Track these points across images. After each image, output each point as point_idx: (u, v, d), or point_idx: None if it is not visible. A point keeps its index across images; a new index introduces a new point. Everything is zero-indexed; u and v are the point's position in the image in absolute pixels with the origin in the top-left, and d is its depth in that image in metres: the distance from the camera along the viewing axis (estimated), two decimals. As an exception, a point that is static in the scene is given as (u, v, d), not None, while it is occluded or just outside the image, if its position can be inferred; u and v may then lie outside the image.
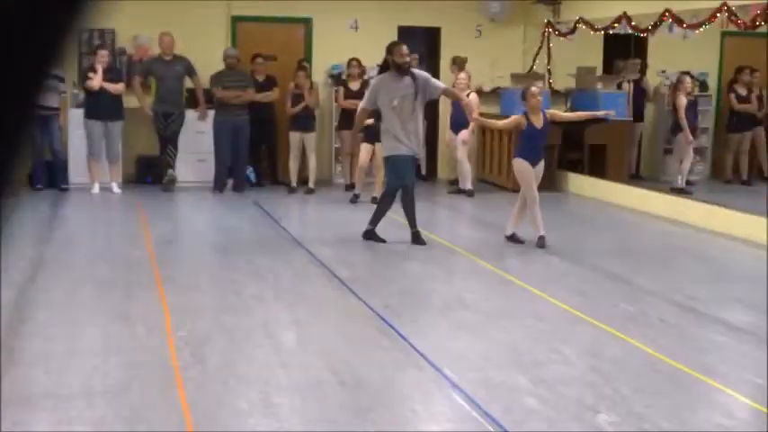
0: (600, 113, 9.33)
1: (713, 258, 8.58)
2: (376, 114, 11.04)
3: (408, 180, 8.59)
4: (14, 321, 5.83)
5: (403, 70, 8.50)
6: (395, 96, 8.45)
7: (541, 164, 8.74)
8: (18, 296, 6.46)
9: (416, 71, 8.77)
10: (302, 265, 7.71)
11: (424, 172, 12.56)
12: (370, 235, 8.64)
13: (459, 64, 12.87)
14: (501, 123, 8.99)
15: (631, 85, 13.16)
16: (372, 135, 11.09)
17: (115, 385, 4.71)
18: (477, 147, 13.35)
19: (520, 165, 8.68)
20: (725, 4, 9.99)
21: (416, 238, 8.58)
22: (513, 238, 8.76)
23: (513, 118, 8.82)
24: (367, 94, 8.76)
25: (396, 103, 8.45)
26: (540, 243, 8.52)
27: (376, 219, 8.70)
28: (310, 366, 5.05)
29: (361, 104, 8.78)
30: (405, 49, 8.62)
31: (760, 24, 9.91)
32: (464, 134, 11.98)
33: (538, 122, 8.61)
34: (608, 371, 5.09)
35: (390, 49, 8.64)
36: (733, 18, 10.04)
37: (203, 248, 8.78)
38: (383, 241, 8.55)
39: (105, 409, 4.37)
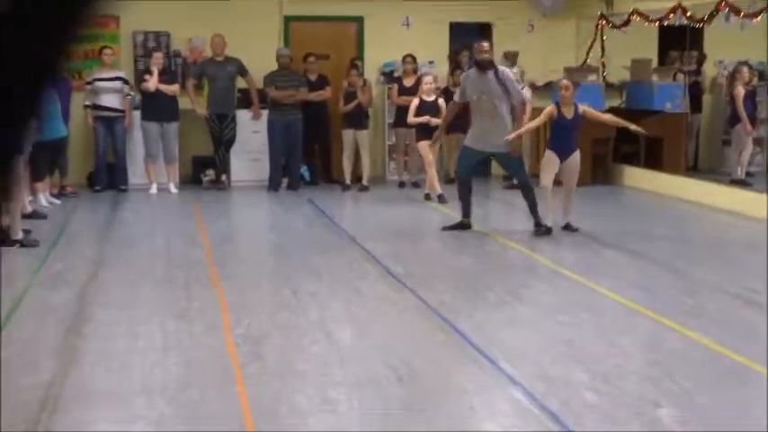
0: (632, 127, 9.22)
1: (775, 250, 8.40)
2: (431, 112, 11.04)
3: (461, 171, 9.05)
4: (76, 320, 5.94)
5: (482, 66, 8.88)
6: (475, 92, 8.81)
7: (573, 157, 8.87)
8: (79, 295, 6.59)
9: (502, 69, 9.04)
10: (357, 262, 7.73)
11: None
12: (461, 226, 8.90)
13: (510, 58, 12.79)
14: (537, 121, 9.14)
15: (687, 76, 12.95)
16: (429, 132, 11.05)
17: (175, 383, 4.77)
18: (531, 142, 13.25)
19: (547, 156, 8.97)
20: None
21: (462, 226, 8.88)
22: (567, 228, 8.90)
23: (545, 111, 9.01)
24: (459, 88, 9.20)
25: (475, 99, 8.83)
26: (538, 231, 8.66)
27: (465, 211, 8.97)
28: (367, 362, 5.06)
29: (454, 98, 9.27)
30: (485, 45, 9.10)
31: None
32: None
33: (568, 114, 8.82)
34: (668, 365, 5.02)
35: (473, 46, 9.19)
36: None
37: (259, 247, 8.85)
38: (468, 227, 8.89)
39: (165, 406, 4.42)
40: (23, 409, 4.33)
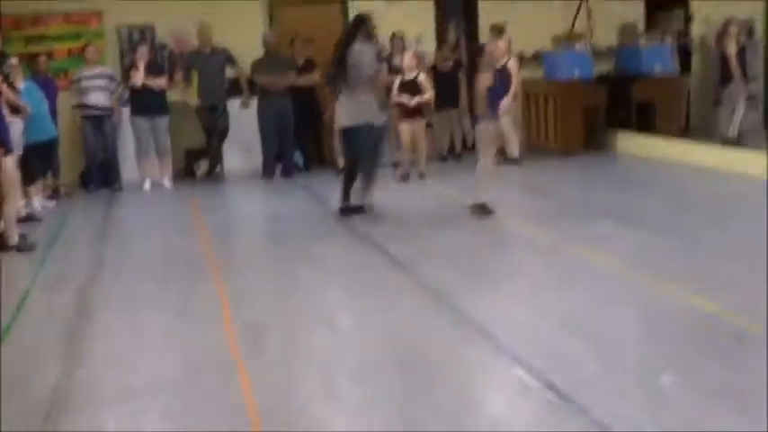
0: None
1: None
2: (412, 89, 11.01)
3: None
4: (78, 322, 5.95)
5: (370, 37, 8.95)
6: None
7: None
8: (79, 296, 6.59)
9: None
10: (356, 247, 7.74)
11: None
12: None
13: (497, 31, 12.72)
14: (482, 92, 8.67)
15: (675, 36, 12.90)
16: (408, 112, 11.05)
17: (179, 379, 4.79)
18: (523, 113, 13.22)
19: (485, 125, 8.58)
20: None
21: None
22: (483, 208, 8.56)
23: (481, 79, 8.72)
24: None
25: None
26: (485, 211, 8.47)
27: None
28: (370, 348, 5.08)
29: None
30: None
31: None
32: (505, 102, 11.84)
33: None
34: (669, 331, 5.04)
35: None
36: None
37: (257, 237, 8.85)
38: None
39: (171, 403, 4.44)
40: (32, 413, 4.35)
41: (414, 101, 10.94)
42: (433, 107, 11.75)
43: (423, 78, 11.04)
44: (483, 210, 8.47)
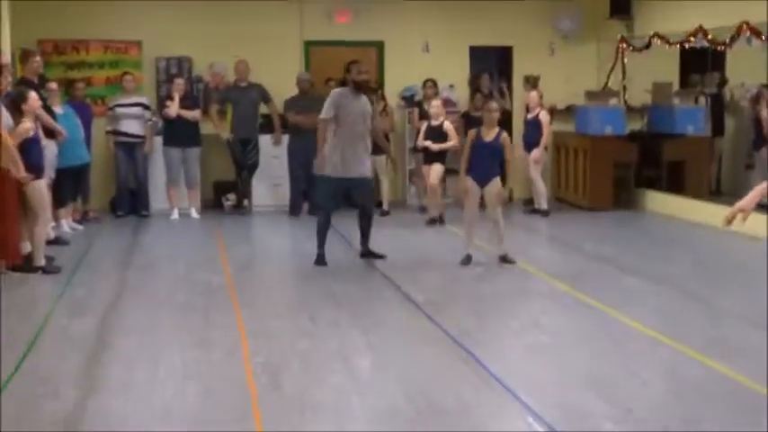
0: None
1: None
2: (437, 135, 11.03)
3: (327, 204, 8.86)
4: (97, 348, 5.97)
5: (359, 87, 8.72)
6: (350, 113, 8.58)
7: (492, 183, 8.55)
8: (100, 322, 6.62)
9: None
10: (377, 289, 7.73)
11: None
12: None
13: (531, 83, 12.83)
14: (465, 148, 8.67)
15: (709, 99, 12.89)
16: (432, 156, 11.07)
17: (194, 412, 4.78)
18: (553, 165, 13.25)
19: (464, 183, 8.63)
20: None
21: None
22: (503, 260, 8.63)
23: (468, 134, 8.75)
24: (329, 105, 8.69)
25: (350, 120, 8.58)
26: (465, 261, 8.57)
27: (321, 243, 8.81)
28: (386, 392, 5.05)
29: (323, 116, 8.71)
30: (363, 66, 9.06)
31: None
32: (536, 153, 11.91)
33: (488, 137, 8.52)
34: (688, 395, 4.98)
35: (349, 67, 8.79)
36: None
37: (280, 273, 8.86)
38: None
39: (183, 436, 4.44)
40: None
41: (435, 146, 10.98)
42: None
43: (448, 125, 11.08)
44: (466, 259, 8.59)
